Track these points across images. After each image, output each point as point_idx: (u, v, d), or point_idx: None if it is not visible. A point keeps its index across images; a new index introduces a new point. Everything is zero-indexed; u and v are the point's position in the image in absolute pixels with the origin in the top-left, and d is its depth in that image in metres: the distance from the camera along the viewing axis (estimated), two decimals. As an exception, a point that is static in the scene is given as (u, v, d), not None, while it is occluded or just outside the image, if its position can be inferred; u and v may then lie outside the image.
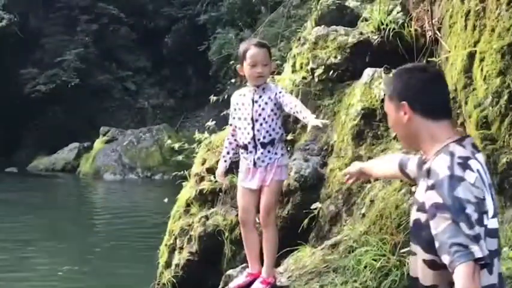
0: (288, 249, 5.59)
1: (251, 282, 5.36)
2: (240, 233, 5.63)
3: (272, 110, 4.97)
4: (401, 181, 5.21)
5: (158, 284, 6.65)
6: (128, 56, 29.37)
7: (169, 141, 13.32)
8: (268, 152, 5.12)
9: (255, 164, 5.13)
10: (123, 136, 23.91)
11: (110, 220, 13.53)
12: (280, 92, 4.94)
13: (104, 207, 16.56)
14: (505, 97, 4.50)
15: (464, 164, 2.74)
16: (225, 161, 5.37)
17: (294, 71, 6.51)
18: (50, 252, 9.71)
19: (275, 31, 19.56)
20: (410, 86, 2.99)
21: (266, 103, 5.02)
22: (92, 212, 16.20)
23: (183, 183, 6.92)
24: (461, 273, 2.54)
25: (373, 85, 5.86)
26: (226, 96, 13.19)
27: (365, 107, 5.81)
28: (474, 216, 2.59)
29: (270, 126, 5.10)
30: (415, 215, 2.85)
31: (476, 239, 2.55)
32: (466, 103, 4.89)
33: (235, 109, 5.26)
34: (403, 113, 2.93)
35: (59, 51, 26.80)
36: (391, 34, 6.18)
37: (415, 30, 6.13)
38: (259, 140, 5.09)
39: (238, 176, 5.33)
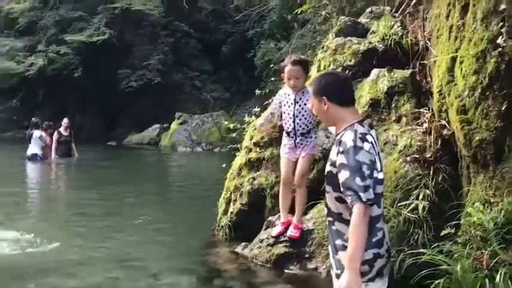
0: (312, 202, 5.61)
1: (286, 229, 5.43)
2: (278, 190, 5.68)
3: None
4: (398, 153, 5.19)
5: (218, 226, 6.72)
6: (195, 61, 29.47)
7: (226, 123, 13.42)
8: (305, 138, 5.39)
9: (295, 145, 5.36)
10: (192, 120, 24.13)
11: (182, 179, 13.62)
12: None
13: (179, 170, 16.72)
14: (479, 90, 4.43)
15: (363, 138, 3.14)
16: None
17: (319, 71, 6.47)
18: (134, 203, 9.58)
19: (304, 42, 19.48)
20: (327, 86, 3.36)
21: (305, 104, 5.14)
22: (169, 173, 16.41)
23: (236, 154, 6.94)
24: (355, 210, 3.00)
25: (378, 81, 5.82)
26: (267, 91, 13.20)
27: (372, 97, 5.77)
28: (367, 172, 3.05)
29: (306, 120, 5.35)
30: (329, 168, 3.24)
31: (365, 188, 3.00)
32: (449, 95, 4.82)
33: (280, 102, 5.47)
34: (323, 104, 3.30)
35: (145, 57, 26.97)
36: (392, 43, 6.15)
37: (411, 40, 6.11)
38: (298, 130, 5.36)
39: (281, 149, 5.45)
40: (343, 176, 3.06)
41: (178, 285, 4.92)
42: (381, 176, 3.19)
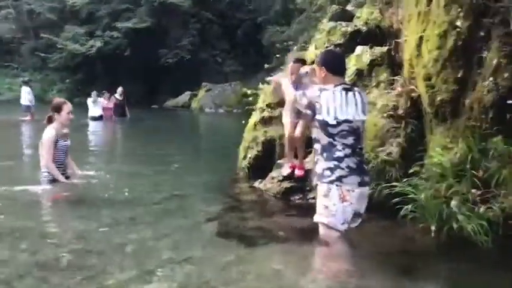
0: (310, 149, 5.59)
1: (292, 170, 5.42)
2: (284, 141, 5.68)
3: None
4: (377, 111, 5.16)
5: (239, 168, 6.76)
6: (217, 42, 29.15)
7: (243, 89, 13.34)
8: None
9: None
10: (215, 88, 24.09)
11: (208, 132, 13.74)
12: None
13: (206, 126, 16.82)
14: (440, 62, 4.38)
15: (321, 89, 3.48)
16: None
17: (316, 49, 6.40)
18: (171, 152, 9.34)
19: (302, 27, 19.23)
20: (327, 59, 3.60)
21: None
22: (198, 128, 16.50)
23: (252, 113, 6.92)
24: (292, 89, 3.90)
25: (362, 56, 5.74)
26: (273, 65, 13.06)
27: (357, 68, 5.70)
28: (307, 96, 3.50)
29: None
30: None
31: (300, 96, 3.56)
32: (417, 66, 4.77)
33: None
34: (322, 72, 3.54)
35: (178, 39, 26.74)
36: (373, 26, 6.05)
37: (387, 23, 5.98)
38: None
39: (286, 116, 5.41)
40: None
41: (208, 212, 4.89)
42: (332, 121, 3.43)
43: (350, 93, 3.51)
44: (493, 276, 3.41)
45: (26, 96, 15.88)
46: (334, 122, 3.44)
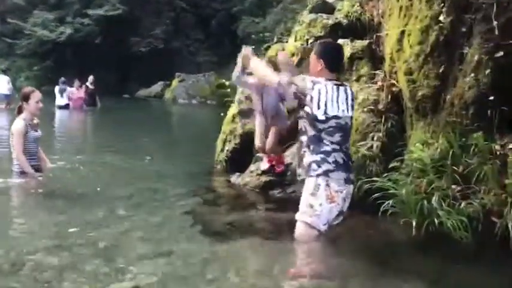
0: (291, 142, 5.54)
1: (271, 165, 5.31)
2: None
3: None
4: (358, 105, 5.12)
5: (216, 161, 6.65)
6: (191, 32, 28.80)
7: (219, 80, 13.16)
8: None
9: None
10: (188, 78, 23.80)
11: (182, 123, 13.57)
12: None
13: (180, 117, 16.61)
14: (422, 57, 4.37)
15: (314, 81, 3.35)
16: None
17: (296, 41, 6.31)
18: (146, 144, 9.24)
19: (277, 18, 19.20)
20: (327, 52, 3.44)
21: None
22: (172, 119, 16.28)
23: (231, 104, 6.79)
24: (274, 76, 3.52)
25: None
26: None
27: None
28: (300, 85, 3.33)
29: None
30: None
31: (288, 84, 3.38)
32: (398, 60, 4.75)
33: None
34: (319, 65, 3.38)
35: (151, 28, 26.32)
36: (354, 19, 5.99)
37: (368, 17, 5.94)
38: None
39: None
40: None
41: (184, 206, 4.77)
42: (321, 117, 3.32)
43: (341, 88, 3.43)
44: (471, 271, 3.43)
45: (5, 85, 15.39)
46: (323, 118, 3.33)
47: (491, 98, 3.93)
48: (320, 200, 3.30)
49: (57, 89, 15.54)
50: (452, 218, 3.82)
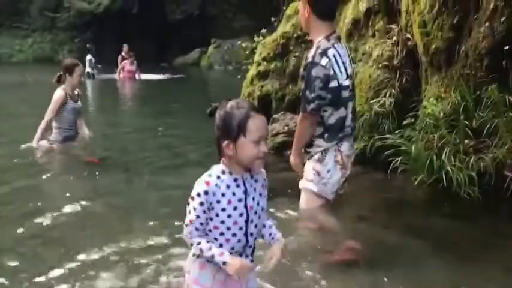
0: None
1: None
2: (281, 94, 5.55)
3: None
4: (373, 61, 4.99)
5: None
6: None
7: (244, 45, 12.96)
8: None
9: None
10: (224, 44, 23.73)
11: (217, 86, 13.73)
12: None
13: (213, 82, 16.76)
14: (436, 7, 4.22)
15: (323, 53, 2.74)
16: None
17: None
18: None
19: None
20: None
21: None
22: (207, 83, 16.44)
23: (249, 67, 6.81)
24: (300, 117, 2.87)
25: (359, 4, 5.46)
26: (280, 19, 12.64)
27: (354, 17, 5.44)
28: (319, 85, 2.72)
29: None
30: (300, 78, 3.16)
31: (313, 99, 2.74)
32: (413, 13, 4.57)
33: None
34: (306, 11, 2.86)
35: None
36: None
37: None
38: None
39: None
40: (302, 86, 2.93)
41: (195, 159, 4.94)
42: (346, 82, 2.81)
43: (343, 43, 3.05)
44: (480, 226, 3.36)
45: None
46: (347, 83, 2.85)
47: (507, 47, 3.74)
48: (328, 166, 2.90)
49: (88, 57, 16.57)
50: (462, 173, 3.73)
